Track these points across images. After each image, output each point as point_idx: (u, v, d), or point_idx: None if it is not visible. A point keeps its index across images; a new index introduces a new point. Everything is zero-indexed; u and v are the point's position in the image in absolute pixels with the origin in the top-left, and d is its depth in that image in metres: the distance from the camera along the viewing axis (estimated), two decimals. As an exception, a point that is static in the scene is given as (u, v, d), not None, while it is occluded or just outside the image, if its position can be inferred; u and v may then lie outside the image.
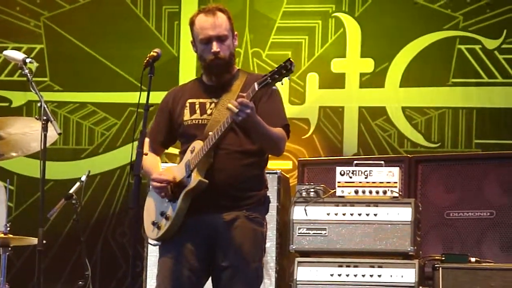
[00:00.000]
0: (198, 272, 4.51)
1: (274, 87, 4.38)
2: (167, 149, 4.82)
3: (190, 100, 4.64)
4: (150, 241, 4.68)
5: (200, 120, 4.58)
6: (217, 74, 4.60)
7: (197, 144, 4.51)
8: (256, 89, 4.31)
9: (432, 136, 7.25)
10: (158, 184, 4.50)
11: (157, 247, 4.62)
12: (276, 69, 4.28)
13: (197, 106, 4.61)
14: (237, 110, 4.28)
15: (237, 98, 4.32)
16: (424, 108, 7.29)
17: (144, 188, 6.35)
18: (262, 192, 4.62)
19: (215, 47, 4.53)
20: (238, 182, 4.51)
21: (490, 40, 7.22)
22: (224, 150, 4.51)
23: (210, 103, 4.59)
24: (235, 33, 4.64)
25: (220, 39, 4.54)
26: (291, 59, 4.26)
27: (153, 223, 4.58)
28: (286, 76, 4.27)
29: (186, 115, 4.62)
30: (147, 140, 4.69)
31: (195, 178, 4.45)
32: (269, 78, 4.28)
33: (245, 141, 4.53)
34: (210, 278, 4.58)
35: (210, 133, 4.47)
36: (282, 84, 4.33)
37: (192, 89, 4.68)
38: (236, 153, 4.52)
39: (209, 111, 4.58)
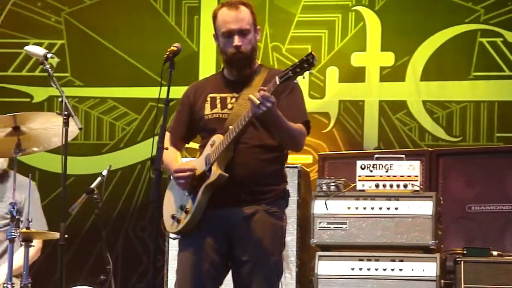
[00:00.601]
0: (218, 266, 4.52)
1: (295, 81, 4.38)
2: (188, 143, 4.83)
3: (211, 95, 4.64)
4: (170, 234, 4.68)
5: (220, 114, 4.59)
6: (238, 68, 4.60)
7: (217, 138, 4.52)
8: (278, 83, 4.31)
9: (454, 130, 7.23)
10: (181, 174, 4.50)
11: (177, 241, 4.63)
12: (297, 63, 4.29)
13: (218, 100, 4.62)
14: (258, 103, 4.28)
15: (258, 91, 4.32)
16: (445, 102, 7.26)
17: (165, 183, 6.37)
18: (282, 187, 4.62)
19: (236, 41, 4.54)
20: (257, 177, 4.52)
21: (512, 33, 7.20)
22: (244, 144, 4.52)
23: (231, 98, 4.60)
24: (258, 27, 4.63)
25: (242, 33, 4.54)
26: (313, 53, 4.26)
27: (173, 217, 4.59)
28: (308, 70, 4.27)
29: (207, 109, 4.62)
30: (168, 134, 4.71)
31: (216, 171, 4.46)
32: (290, 72, 4.29)
33: (265, 136, 4.53)
34: (229, 273, 4.59)
35: (231, 126, 4.47)
36: (303, 78, 4.33)
37: (213, 84, 4.69)
38: (256, 147, 4.53)
39: (230, 106, 4.58)
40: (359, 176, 6.15)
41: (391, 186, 6.10)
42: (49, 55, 4.84)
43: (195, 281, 4.49)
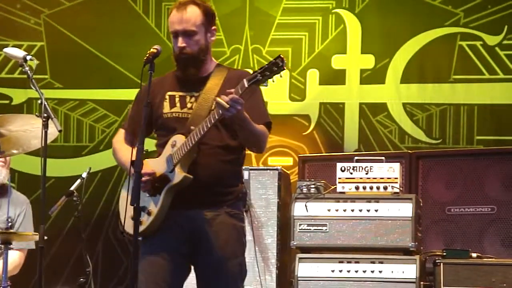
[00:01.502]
0: (181, 268, 4.49)
1: (265, 85, 4.30)
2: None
3: (169, 93, 4.60)
4: (126, 235, 4.59)
5: (180, 114, 4.54)
6: (182, 68, 4.56)
7: (178, 139, 4.47)
8: (246, 85, 4.26)
9: (434, 133, 7.25)
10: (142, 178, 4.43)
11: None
12: (266, 66, 4.25)
13: (177, 99, 4.57)
14: (228, 106, 4.23)
15: (226, 94, 4.27)
16: (425, 104, 7.29)
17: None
18: (240, 187, 4.60)
19: (179, 42, 4.51)
20: (220, 178, 4.49)
21: (491, 36, 7.22)
22: (206, 145, 4.47)
23: (191, 97, 4.55)
24: (213, 27, 4.58)
25: (187, 34, 4.50)
26: (281, 56, 4.22)
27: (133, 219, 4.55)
28: (277, 73, 4.23)
29: (166, 108, 4.57)
30: (122, 131, 4.69)
31: (180, 173, 4.41)
32: (259, 74, 4.24)
33: (226, 136, 4.51)
34: (192, 275, 4.55)
35: (193, 127, 4.43)
36: (273, 82, 4.27)
37: (171, 82, 4.63)
38: (218, 148, 4.50)
39: (189, 105, 4.54)
40: (339, 178, 6.16)
41: (371, 188, 6.12)
42: (28, 57, 4.81)
43: (157, 283, 4.44)
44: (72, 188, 5.98)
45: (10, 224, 5.25)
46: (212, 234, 4.46)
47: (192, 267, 4.57)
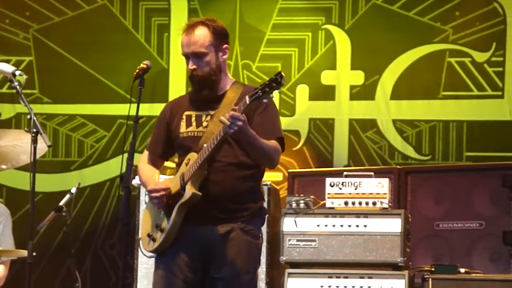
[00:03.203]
0: (192, 284, 4.52)
1: (265, 100, 4.37)
2: (166, 160, 4.82)
3: (187, 112, 4.65)
4: (145, 253, 4.67)
5: (196, 133, 4.59)
6: (196, 89, 4.62)
7: (192, 156, 4.53)
8: (247, 102, 4.33)
9: (423, 149, 7.27)
10: (155, 194, 4.50)
11: (152, 259, 4.62)
12: (267, 82, 4.31)
13: (193, 118, 4.62)
14: (229, 123, 4.30)
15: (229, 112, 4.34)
16: (415, 121, 7.30)
17: (134, 200, 6.38)
18: (258, 204, 4.62)
19: (189, 64, 4.57)
20: (233, 195, 4.52)
21: (480, 53, 7.25)
22: (219, 162, 4.52)
23: (206, 116, 4.60)
24: (224, 46, 4.63)
25: (196, 55, 4.56)
26: (282, 73, 4.28)
27: (149, 235, 4.58)
28: (276, 89, 4.29)
29: (182, 127, 4.62)
30: (146, 152, 4.73)
31: (189, 190, 4.46)
32: (260, 91, 4.30)
33: (239, 153, 4.54)
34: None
35: (205, 145, 4.48)
36: (272, 97, 4.35)
37: (189, 101, 4.68)
38: (231, 165, 4.53)
39: (204, 123, 4.59)
40: (329, 193, 6.16)
41: (360, 203, 6.11)
42: (17, 73, 4.81)
43: None
44: (61, 203, 5.97)
45: None
46: (224, 250, 4.48)
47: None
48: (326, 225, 6.07)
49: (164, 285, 4.50)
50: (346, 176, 6.18)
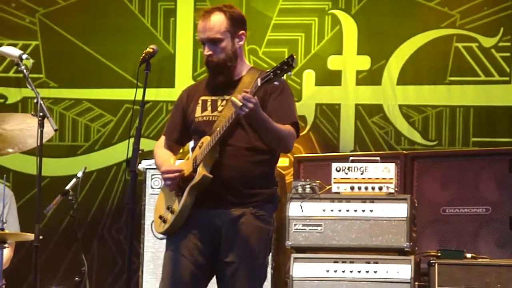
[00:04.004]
0: (202, 267, 4.53)
1: (283, 82, 4.41)
2: (183, 146, 4.84)
3: (202, 98, 4.66)
4: (156, 234, 4.69)
5: (210, 117, 4.60)
6: (212, 75, 4.63)
7: (205, 140, 4.55)
8: (259, 84, 4.35)
9: (430, 134, 7.26)
10: (168, 175, 4.53)
11: (158, 243, 4.63)
12: (278, 65, 4.33)
13: (208, 103, 4.64)
14: (240, 104, 4.31)
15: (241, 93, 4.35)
16: (421, 106, 7.29)
17: (140, 185, 6.40)
18: (271, 190, 4.63)
19: (205, 50, 4.59)
20: (245, 179, 4.53)
21: (487, 38, 7.23)
22: (232, 146, 4.53)
23: (222, 100, 4.61)
24: (240, 32, 4.62)
25: (212, 41, 4.57)
26: (293, 55, 4.30)
27: (160, 217, 4.60)
28: (287, 72, 4.31)
29: (198, 112, 4.64)
30: (162, 138, 4.75)
31: (200, 172, 4.48)
32: (271, 73, 4.32)
33: (253, 138, 4.54)
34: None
35: (218, 128, 4.50)
36: (284, 80, 4.41)
37: (206, 86, 4.70)
38: (244, 149, 4.54)
39: (220, 108, 4.60)
40: (334, 178, 6.16)
41: (366, 188, 6.12)
42: (24, 56, 4.82)
43: (178, 281, 4.50)
44: (67, 187, 5.98)
45: None
46: (234, 234, 4.49)
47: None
48: (332, 210, 6.08)
49: (173, 266, 4.51)
50: (352, 161, 6.18)
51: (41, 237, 4.64)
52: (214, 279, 4.60)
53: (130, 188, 4.32)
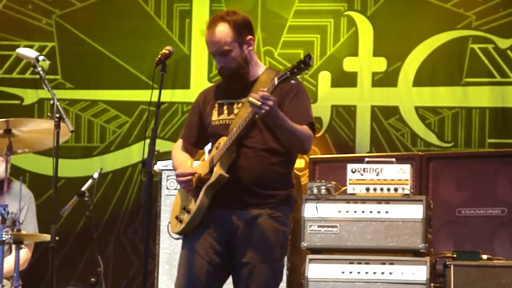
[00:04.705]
0: (218, 267, 4.53)
1: (299, 84, 4.40)
2: (201, 149, 4.83)
3: (219, 101, 4.66)
4: (172, 234, 4.71)
5: (227, 120, 4.60)
6: (226, 83, 4.64)
7: (222, 140, 4.55)
8: (276, 83, 4.34)
9: (446, 136, 7.25)
10: (182, 178, 4.53)
11: (173, 244, 4.64)
12: (295, 64, 4.32)
13: (225, 107, 4.63)
14: (259, 104, 4.30)
15: (258, 93, 4.34)
16: (437, 107, 7.28)
17: (156, 186, 6.41)
18: (287, 191, 4.63)
19: (216, 62, 4.60)
20: (261, 180, 4.52)
21: (503, 39, 7.22)
22: (249, 148, 4.53)
23: (238, 103, 4.61)
24: (247, 38, 4.60)
25: (221, 54, 4.56)
26: (311, 54, 4.29)
27: (176, 217, 4.62)
28: (304, 70, 4.29)
29: (214, 116, 4.64)
30: (180, 140, 4.76)
31: (216, 171, 4.48)
32: (288, 72, 4.32)
33: (270, 139, 4.54)
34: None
35: (234, 128, 4.51)
36: (301, 79, 4.40)
37: (222, 90, 4.69)
38: (261, 151, 4.54)
39: (236, 111, 4.59)
40: (350, 179, 6.15)
41: (381, 189, 6.11)
42: (40, 58, 4.84)
43: (193, 281, 4.51)
44: (83, 188, 6.00)
45: (13, 220, 5.28)
46: (250, 234, 4.49)
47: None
48: (347, 211, 6.07)
49: (189, 265, 4.51)
50: (368, 162, 6.17)
51: (57, 238, 4.65)
52: (229, 280, 4.61)
53: (145, 189, 4.33)
